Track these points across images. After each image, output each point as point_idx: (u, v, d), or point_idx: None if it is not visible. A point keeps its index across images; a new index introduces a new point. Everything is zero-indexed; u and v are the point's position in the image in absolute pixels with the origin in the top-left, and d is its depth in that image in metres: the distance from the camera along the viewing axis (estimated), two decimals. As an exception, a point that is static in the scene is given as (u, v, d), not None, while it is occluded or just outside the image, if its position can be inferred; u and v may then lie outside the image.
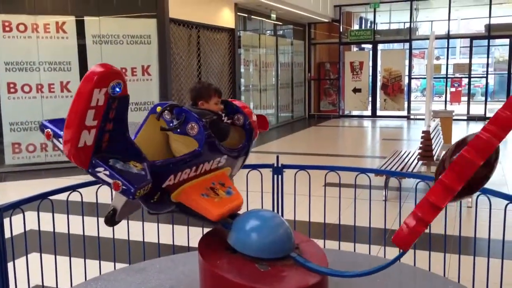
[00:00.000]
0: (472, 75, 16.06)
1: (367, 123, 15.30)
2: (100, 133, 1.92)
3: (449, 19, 15.14)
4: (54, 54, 8.05)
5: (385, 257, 3.38)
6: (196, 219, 2.39)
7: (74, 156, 1.95)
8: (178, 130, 2.32)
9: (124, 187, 1.88)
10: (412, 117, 15.39)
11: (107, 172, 1.94)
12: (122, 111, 1.97)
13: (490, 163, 1.68)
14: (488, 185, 1.92)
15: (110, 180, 1.93)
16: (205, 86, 2.60)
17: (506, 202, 2.68)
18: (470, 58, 15.32)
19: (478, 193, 2.96)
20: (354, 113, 16.67)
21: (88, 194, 3.18)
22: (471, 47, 15.28)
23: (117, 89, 1.85)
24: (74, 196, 3.05)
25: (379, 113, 15.82)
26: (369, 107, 15.87)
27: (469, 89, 16.02)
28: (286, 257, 2.22)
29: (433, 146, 6.02)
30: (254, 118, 2.73)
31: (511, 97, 1.43)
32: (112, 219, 2.41)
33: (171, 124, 2.32)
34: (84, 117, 1.82)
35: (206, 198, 2.27)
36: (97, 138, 1.92)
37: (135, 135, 2.40)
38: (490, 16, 14.43)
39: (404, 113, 15.43)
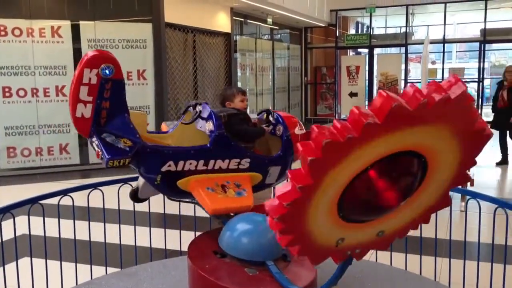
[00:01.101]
0: (467, 79, 16.10)
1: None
2: (97, 109, 2.25)
3: (444, 24, 15.20)
4: (50, 58, 8.05)
5: (376, 261, 3.39)
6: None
7: (74, 123, 2.32)
8: (200, 126, 2.62)
9: (102, 156, 2.21)
10: (408, 121, 15.41)
11: (97, 142, 2.25)
12: (118, 93, 2.28)
13: None
14: (482, 189, 1.94)
15: (96, 149, 2.25)
16: (227, 88, 2.87)
17: (495, 206, 2.69)
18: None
19: (468, 197, 2.98)
20: (351, 117, 16.67)
21: (79, 198, 3.18)
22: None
23: (107, 71, 2.19)
24: (67, 200, 3.05)
25: (375, 117, 15.84)
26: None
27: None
28: (262, 264, 2.21)
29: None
30: (298, 131, 2.69)
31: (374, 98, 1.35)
32: (135, 196, 2.71)
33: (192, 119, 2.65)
34: (77, 92, 2.21)
35: (210, 192, 2.37)
36: (95, 113, 2.26)
37: (173, 128, 2.72)
38: (485, 21, 14.49)
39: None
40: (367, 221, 1.63)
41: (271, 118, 2.80)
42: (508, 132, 8.09)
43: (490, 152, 9.81)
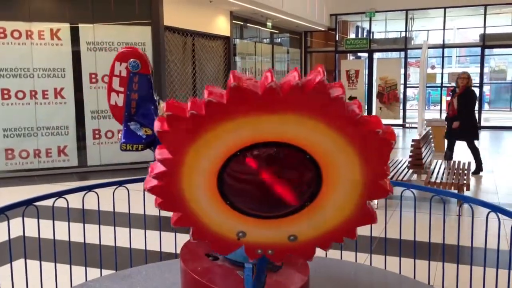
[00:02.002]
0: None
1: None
2: (127, 99, 2.64)
3: (444, 29, 15.24)
4: (49, 60, 8.08)
5: (371, 264, 3.39)
6: None
7: (110, 110, 2.72)
8: None
9: (120, 140, 2.64)
10: (407, 125, 15.45)
11: (122, 129, 2.66)
12: (144, 86, 2.65)
13: None
14: (477, 193, 1.93)
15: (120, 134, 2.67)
16: None
17: (488, 210, 2.70)
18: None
19: (462, 201, 2.99)
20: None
21: (75, 201, 3.19)
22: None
23: (134, 66, 2.58)
24: (62, 202, 3.05)
25: (374, 121, 15.86)
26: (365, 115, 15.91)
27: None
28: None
29: (423, 155, 6.04)
30: None
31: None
32: None
33: None
34: (111, 82, 2.64)
35: None
36: (126, 103, 2.64)
37: None
38: (485, 26, 14.53)
39: (400, 121, 15.48)
40: (268, 218, 1.60)
41: None
42: (466, 141, 7.65)
43: (489, 157, 9.85)
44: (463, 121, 7.45)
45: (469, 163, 6.74)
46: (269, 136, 1.44)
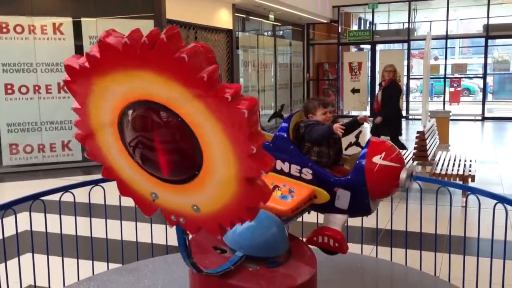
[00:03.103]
0: (469, 75, 16.06)
1: (365, 123, 15.28)
2: None
3: (447, 19, 15.15)
4: (51, 55, 8.07)
5: (377, 256, 3.39)
6: None
7: None
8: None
9: None
10: (410, 117, 15.41)
11: None
12: None
13: None
14: (482, 185, 1.92)
15: None
16: (309, 101, 2.73)
17: (495, 201, 2.69)
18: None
19: (468, 192, 2.98)
20: (353, 113, 16.67)
21: (81, 195, 3.20)
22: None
23: None
24: (68, 197, 3.06)
25: (377, 113, 15.83)
26: (368, 108, 15.88)
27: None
28: (263, 260, 2.20)
29: (428, 147, 6.03)
30: (378, 160, 2.33)
31: None
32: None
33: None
34: None
35: None
36: None
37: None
38: (488, 16, 14.44)
39: (403, 113, 15.43)
40: (170, 183, 1.64)
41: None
42: (390, 136, 7.24)
43: (493, 149, 9.82)
44: (387, 114, 7.17)
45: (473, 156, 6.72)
46: (141, 94, 1.50)
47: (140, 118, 1.55)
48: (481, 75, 15.93)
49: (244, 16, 12.25)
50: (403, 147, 7.30)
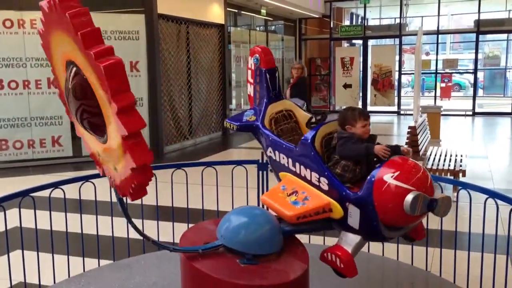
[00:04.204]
0: (460, 71, 16.14)
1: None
2: (254, 91, 3.02)
3: (438, 15, 15.19)
4: (41, 50, 7.90)
5: (368, 251, 3.40)
6: None
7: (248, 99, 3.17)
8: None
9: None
10: (402, 112, 15.46)
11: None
12: (262, 79, 2.92)
13: None
14: (473, 179, 1.91)
15: None
16: (349, 110, 2.49)
17: (486, 196, 2.71)
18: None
19: (459, 187, 2.99)
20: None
21: (71, 191, 3.17)
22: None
23: (255, 60, 2.98)
24: (58, 193, 3.03)
25: (369, 108, 15.84)
26: (360, 103, 15.91)
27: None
28: (255, 257, 2.20)
29: (419, 141, 6.05)
30: (389, 179, 2.09)
31: None
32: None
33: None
34: (247, 74, 3.14)
35: (280, 189, 2.48)
36: (254, 93, 3.03)
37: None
38: (479, 12, 14.49)
39: (395, 108, 15.49)
40: (100, 141, 1.89)
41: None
42: None
43: (483, 144, 9.89)
44: None
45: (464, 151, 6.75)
46: (70, 54, 1.75)
47: (72, 81, 1.82)
48: (472, 71, 15.98)
49: (236, 11, 12.20)
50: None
